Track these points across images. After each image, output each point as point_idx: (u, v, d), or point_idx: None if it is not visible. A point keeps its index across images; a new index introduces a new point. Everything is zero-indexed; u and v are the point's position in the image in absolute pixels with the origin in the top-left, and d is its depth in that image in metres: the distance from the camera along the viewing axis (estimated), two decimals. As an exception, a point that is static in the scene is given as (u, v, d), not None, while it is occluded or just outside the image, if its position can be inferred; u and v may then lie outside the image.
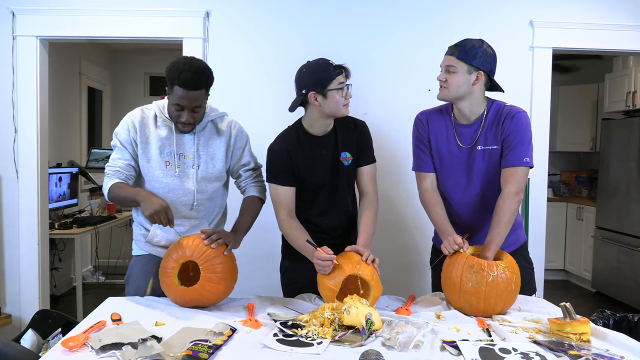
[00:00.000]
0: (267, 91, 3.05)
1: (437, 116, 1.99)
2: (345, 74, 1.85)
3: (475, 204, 1.95)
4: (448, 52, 1.89)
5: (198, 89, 1.76)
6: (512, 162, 1.82)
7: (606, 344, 1.43)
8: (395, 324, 1.52)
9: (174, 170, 1.88)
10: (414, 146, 2.04)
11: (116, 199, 1.86)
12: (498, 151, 1.87)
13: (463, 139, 1.91)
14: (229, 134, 1.96)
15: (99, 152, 4.98)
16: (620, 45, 3.14)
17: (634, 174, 4.28)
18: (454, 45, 1.87)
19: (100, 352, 1.30)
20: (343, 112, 1.88)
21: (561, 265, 5.34)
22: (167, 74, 1.76)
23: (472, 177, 1.92)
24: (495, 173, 1.89)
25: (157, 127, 1.88)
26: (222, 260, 1.72)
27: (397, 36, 3.09)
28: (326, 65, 1.82)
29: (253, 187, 2.01)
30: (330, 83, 1.81)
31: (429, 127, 1.98)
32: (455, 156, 1.93)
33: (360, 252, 1.75)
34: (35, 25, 3.03)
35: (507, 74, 3.11)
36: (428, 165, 1.99)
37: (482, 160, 1.89)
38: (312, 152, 1.91)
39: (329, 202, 1.97)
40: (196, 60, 1.79)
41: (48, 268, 3.27)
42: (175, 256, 1.71)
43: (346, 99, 1.86)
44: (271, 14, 3.07)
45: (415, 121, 2.04)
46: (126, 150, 1.87)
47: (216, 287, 1.70)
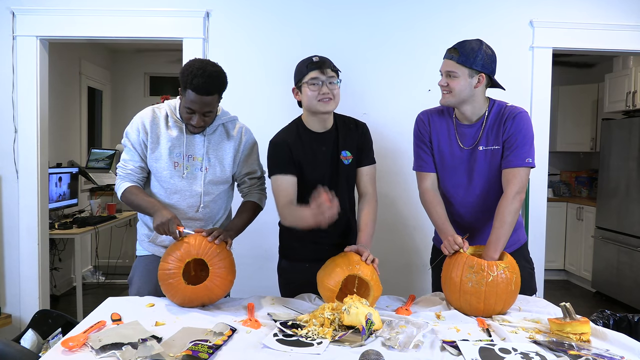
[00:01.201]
0: (267, 91, 3.06)
1: (438, 116, 1.98)
2: (322, 70, 1.81)
3: (476, 204, 1.95)
4: (447, 56, 1.86)
5: (210, 95, 1.76)
6: (513, 162, 1.82)
7: (606, 344, 1.43)
8: (395, 324, 1.52)
9: (182, 172, 1.88)
10: (415, 146, 2.03)
11: (129, 204, 1.90)
12: (499, 151, 1.87)
13: (465, 139, 1.91)
14: (239, 139, 1.96)
15: (99, 152, 4.99)
16: (620, 45, 3.14)
17: (634, 174, 4.28)
18: (453, 49, 1.84)
19: (100, 352, 1.30)
20: (318, 108, 1.84)
21: (561, 265, 5.34)
22: (181, 77, 1.76)
23: (473, 177, 1.92)
24: (496, 173, 1.89)
25: (168, 127, 1.88)
26: (225, 255, 1.76)
27: (397, 36, 3.10)
28: (304, 61, 1.84)
29: (255, 194, 2.02)
30: (303, 77, 1.82)
31: (430, 127, 1.98)
32: (456, 157, 1.93)
33: (360, 252, 1.75)
34: (35, 25, 3.03)
35: (507, 74, 3.11)
36: (429, 165, 1.99)
37: (484, 161, 1.89)
38: (312, 148, 1.91)
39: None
40: (210, 65, 1.77)
41: (48, 268, 3.27)
42: (178, 256, 1.71)
43: (320, 94, 1.81)
44: (271, 13, 3.07)
45: (417, 120, 2.03)
46: (136, 152, 1.88)
47: (223, 282, 1.73)
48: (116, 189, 1.92)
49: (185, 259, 1.70)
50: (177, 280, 1.69)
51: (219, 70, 1.80)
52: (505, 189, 1.81)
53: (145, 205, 1.84)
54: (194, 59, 1.81)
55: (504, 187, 1.82)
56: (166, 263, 1.72)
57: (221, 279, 1.71)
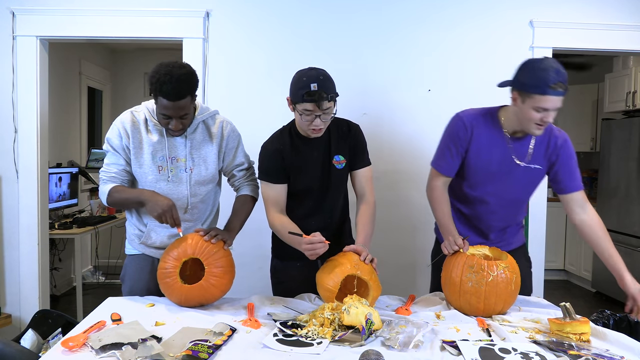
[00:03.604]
0: (267, 91, 3.05)
1: (485, 124, 1.86)
2: (318, 104, 1.73)
3: (503, 211, 1.95)
4: (556, 93, 1.67)
5: (183, 98, 1.71)
6: (578, 186, 1.86)
7: (606, 344, 1.43)
8: (395, 324, 1.52)
9: (166, 175, 1.86)
10: (444, 144, 1.92)
11: (117, 203, 1.87)
12: (541, 171, 1.87)
13: (517, 154, 1.86)
14: (221, 135, 1.93)
15: (99, 152, 4.98)
16: (620, 45, 3.14)
17: (634, 174, 4.28)
18: (561, 84, 1.65)
19: (100, 352, 1.30)
20: (308, 133, 1.84)
21: (561, 265, 5.34)
22: (150, 84, 1.71)
23: (511, 189, 1.90)
24: (529, 188, 1.92)
25: (148, 131, 1.85)
26: (222, 254, 1.76)
27: (397, 35, 3.09)
28: (302, 86, 1.74)
29: (246, 186, 2.02)
30: (298, 103, 1.77)
31: (472, 134, 1.86)
32: (504, 169, 1.86)
33: (359, 252, 1.75)
34: (35, 25, 3.03)
35: (507, 74, 3.11)
36: (451, 169, 1.92)
37: (524, 176, 1.87)
38: (303, 153, 1.90)
39: (316, 204, 1.96)
40: (177, 68, 1.69)
41: (48, 268, 3.27)
42: (175, 255, 1.71)
43: (312, 125, 1.78)
44: (271, 13, 3.07)
45: (457, 122, 1.89)
46: (120, 156, 1.86)
47: (220, 281, 1.72)
48: (100, 194, 1.87)
49: (182, 258, 1.71)
50: (173, 280, 1.70)
51: (187, 71, 1.72)
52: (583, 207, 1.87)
53: (135, 197, 1.82)
54: (159, 63, 1.73)
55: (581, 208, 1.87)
56: (164, 262, 1.73)
57: (218, 278, 1.71)
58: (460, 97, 3.06)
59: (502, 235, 2.00)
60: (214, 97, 3.02)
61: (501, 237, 1.99)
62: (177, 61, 1.74)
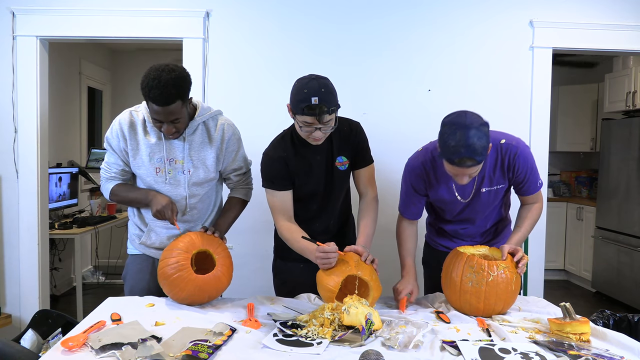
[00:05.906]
0: (267, 91, 3.05)
1: (431, 167, 1.84)
2: (318, 118, 1.69)
3: (476, 229, 1.97)
4: (466, 165, 1.58)
5: (172, 103, 1.67)
6: (532, 190, 1.86)
7: (606, 344, 1.43)
8: (395, 324, 1.52)
9: (164, 177, 1.86)
10: (405, 192, 1.92)
11: (121, 200, 1.93)
12: (504, 188, 1.87)
13: (463, 190, 1.85)
14: (221, 139, 1.90)
15: (99, 152, 4.98)
16: (620, 45, 3.14)
17: (634, 174, 4.28)
18: (468, 158, 1.55)
19: (100, 352, 1.30)
20: (308, 141, 1.82)
21: (561, 265, 5.34)
22: (141, 89, 1.68)
23: (476, 215, 1.92)
24: (496, 202, 1.91)
25: (146, 132, 1.84)
26: (224, 246, 1.85)
27: (397, 35, 3.09)
28: (302, 99, 1.69)
29: (240, 189, 2.04)
30: (298, 115, 1.74)
31: (427, 180, 1.86)
32: (458, 206, 1.89)
33: (360, 252, 1.75)
34: (35, 25, 3.03)
35: (507, 74, 3.13)
36: (417, 213, 1.96)
37: (487, 199, 1.87)
38: (306, 158, 1.89)
39: (320, 207, 1.96)
40: (166, 72, 1.65)
41: (48, 268, 3.27)
42: (182, 248, 1.73)
43: (311, 136, 1.77)
44: (271, 13, 3.07)
45: (409, 171, 1.89)
46: (118, 157, 1.88)
47: (228, 271, 1.80)
48: (102, 189, 1.93)
49: (192, 250, 1.74)
50: (187, 272, 1.70)
51: (177, 75, 1.67)
52: (534, 204, 1.89)
53: (138, 196, 1.87)
54: (150, 67, 1.69)
55: (531, 203, 1.88)
56: (169, 259, 1.72)
57: (226, 267, 1.79)
58: (460, 97, 3.06)
59: (494, 233, 2.02)
60: (213, 97, 3.02)
61: (493, 235, 2.02)
62: (168, 64, 1.70)
